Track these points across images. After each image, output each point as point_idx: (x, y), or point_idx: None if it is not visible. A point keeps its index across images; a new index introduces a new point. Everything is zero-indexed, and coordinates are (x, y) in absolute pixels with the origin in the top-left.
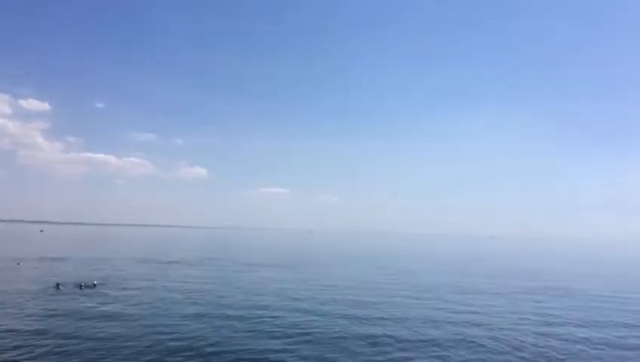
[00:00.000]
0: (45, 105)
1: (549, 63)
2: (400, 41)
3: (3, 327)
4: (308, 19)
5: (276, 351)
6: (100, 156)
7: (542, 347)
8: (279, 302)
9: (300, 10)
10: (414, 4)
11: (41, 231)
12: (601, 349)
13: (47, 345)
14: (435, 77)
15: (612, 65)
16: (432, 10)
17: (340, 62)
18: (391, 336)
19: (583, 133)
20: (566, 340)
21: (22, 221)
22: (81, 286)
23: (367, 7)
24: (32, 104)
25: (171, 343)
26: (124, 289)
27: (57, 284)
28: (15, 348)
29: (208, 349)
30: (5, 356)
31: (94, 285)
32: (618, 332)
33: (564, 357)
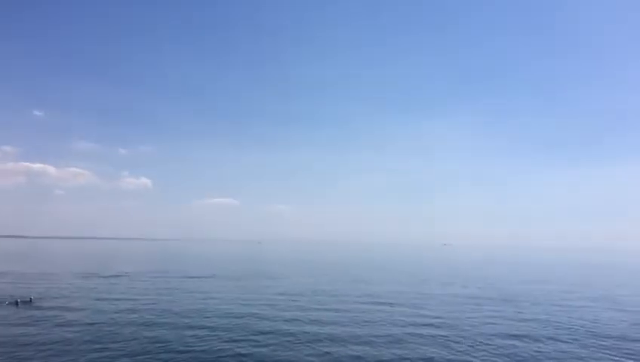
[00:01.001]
0: None
1: (508, 70)
2: (350, 48)
3: None
4: (260, 22)
5: None
6: (39, 166)
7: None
8: (227, 315)
9: (252, 13)
10: (362, 8)
11: None
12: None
13: None
14: (384, 84)
15: (571, 73)
16: (382, 14)
17: (289, 68)
18: (346, 341)
19: (537, 142)
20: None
21: None
22: (17, 302)
23: (316, 11)
24: None
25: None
26: (64, 304)
27: None
28: None
29: None
30: None
31: (31, 300)
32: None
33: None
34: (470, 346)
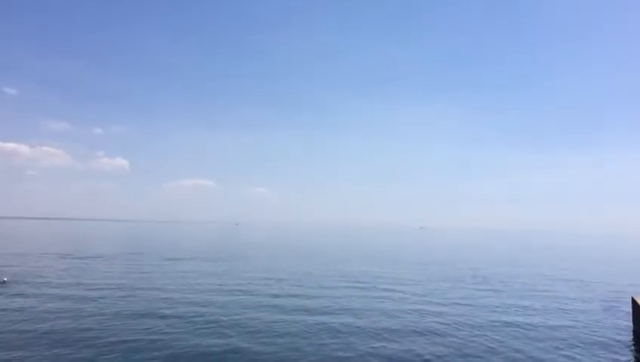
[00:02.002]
0: None
1: (483, 56)
2: (332, 30)
3: None
4: (237, 3)
5: (214, 347)
6: (11, 145)
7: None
8: (207, 295)
9: None
10: None
11: None
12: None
13: None
14: (365, 66)
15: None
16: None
17: (267, 48)
18: (327, 324)
19: (516, 126)
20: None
21: None
22: None
23: None
24: None
25: (97, 346)
26: (40, 285)
27: None
28: None
29: (137, 350)
30: None
31: (4, 281)
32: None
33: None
34: (446, 324)
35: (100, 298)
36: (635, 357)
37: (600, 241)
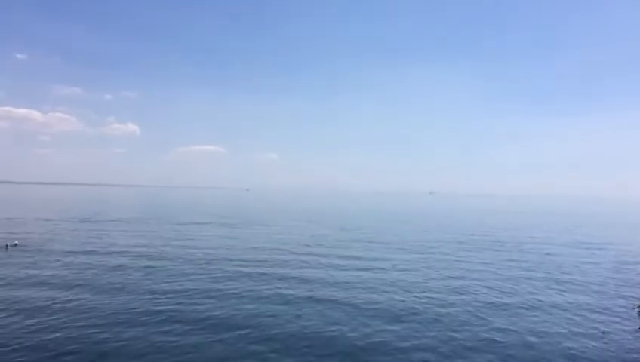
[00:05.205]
0: None
1: (491, 25)
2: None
3: None
4: None
5: (239, 311)
6: (22, 111)
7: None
8: (227, 261)
9: None
10: None
11: None
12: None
13: None
14: (378, 35)
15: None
16: None
17: (277, 14)
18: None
19: (523, 95)
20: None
21: None
22: (6, 246)
23: None
24: None
25: (116, 313)
26: (55, 248)
27: None
28: None
29: (155, 316)
30: None
31: (16, 244)
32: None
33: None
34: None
35: (122, 264)
36: None
37: (616, 206)
